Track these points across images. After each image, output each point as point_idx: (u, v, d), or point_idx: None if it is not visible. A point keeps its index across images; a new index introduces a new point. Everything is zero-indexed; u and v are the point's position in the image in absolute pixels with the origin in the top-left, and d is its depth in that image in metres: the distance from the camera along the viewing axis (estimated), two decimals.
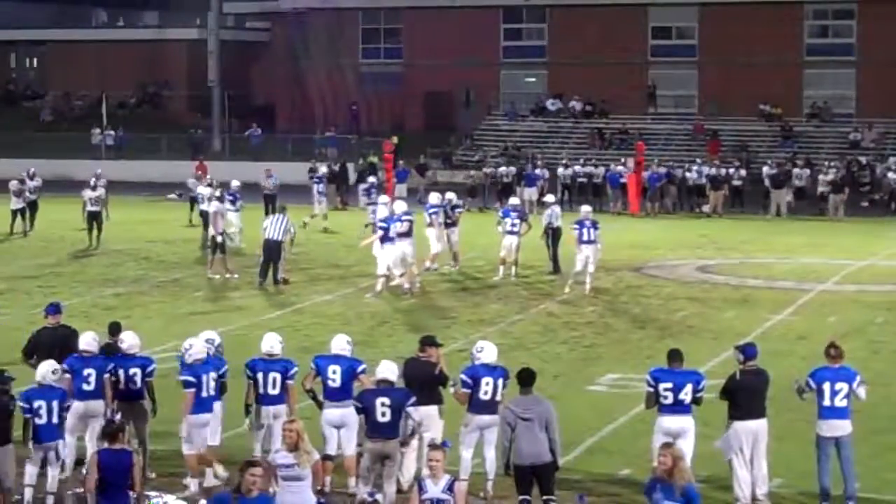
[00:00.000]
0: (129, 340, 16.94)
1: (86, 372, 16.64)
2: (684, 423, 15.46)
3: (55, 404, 15.48)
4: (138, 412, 16.60)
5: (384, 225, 30.06)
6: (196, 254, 36.68)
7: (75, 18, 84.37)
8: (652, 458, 14.19)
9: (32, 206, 41.22)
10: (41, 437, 15.46)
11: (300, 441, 13.13)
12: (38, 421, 15.40)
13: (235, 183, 38.81)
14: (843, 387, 15.36)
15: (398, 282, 30.37)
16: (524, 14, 71.86)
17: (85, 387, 16.61)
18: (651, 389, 15.58)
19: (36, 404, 15.40)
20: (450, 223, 33.57)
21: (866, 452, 15.66)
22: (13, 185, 40.87)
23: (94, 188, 38.90)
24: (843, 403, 15.35)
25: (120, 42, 79.64)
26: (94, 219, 38.21)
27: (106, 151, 65.79)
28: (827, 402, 15.33)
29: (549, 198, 35.54)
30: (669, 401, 15.41)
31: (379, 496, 15.24)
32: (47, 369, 15.76)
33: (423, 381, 15.98)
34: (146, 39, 79.94)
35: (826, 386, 15.35)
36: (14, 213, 40.55)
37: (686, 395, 15.40)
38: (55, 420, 15.50)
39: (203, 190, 38.35)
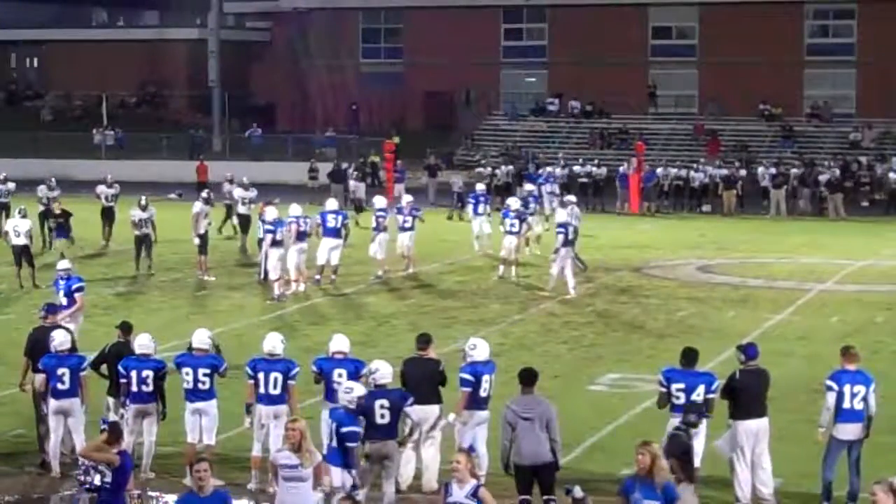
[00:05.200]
0: (142, 342, 16.81)
1: (59, 371, 16.64)
2: None
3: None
4: (149, 413, 16.61)
5: (271, 228, 29.34)
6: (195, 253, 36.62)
7: (75, 18, 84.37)
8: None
9: (110, 214, 38.95)
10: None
11: (303, 441, 13.06)
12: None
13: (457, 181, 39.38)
14: (860, 389, 15.43)
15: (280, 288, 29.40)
16: (524, 14, 71.87)
17: (59, 386, 16.61)
18: (664, 389, 15.63)
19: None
20: (407, 227, 32.80)
21: (867, 452, 15.66)
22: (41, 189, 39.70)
23: (144, 207, 33.44)
24: (860, 406, 15.42)
25: (120, 42, 79.61)
26: (142, 242, 33.32)
27: (106, 151, 65.80)
28: (847, 405, 15.37)
29: (571, 198, 34.98)
30: (682, 401, 15.42)
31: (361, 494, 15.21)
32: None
33: (425, 380, 15.95)
34: (146, 39, 79.90)
35: (847, 388, 15.41)
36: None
37: (698, 395, 15.43)
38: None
39: (237, 192, 37.70)
